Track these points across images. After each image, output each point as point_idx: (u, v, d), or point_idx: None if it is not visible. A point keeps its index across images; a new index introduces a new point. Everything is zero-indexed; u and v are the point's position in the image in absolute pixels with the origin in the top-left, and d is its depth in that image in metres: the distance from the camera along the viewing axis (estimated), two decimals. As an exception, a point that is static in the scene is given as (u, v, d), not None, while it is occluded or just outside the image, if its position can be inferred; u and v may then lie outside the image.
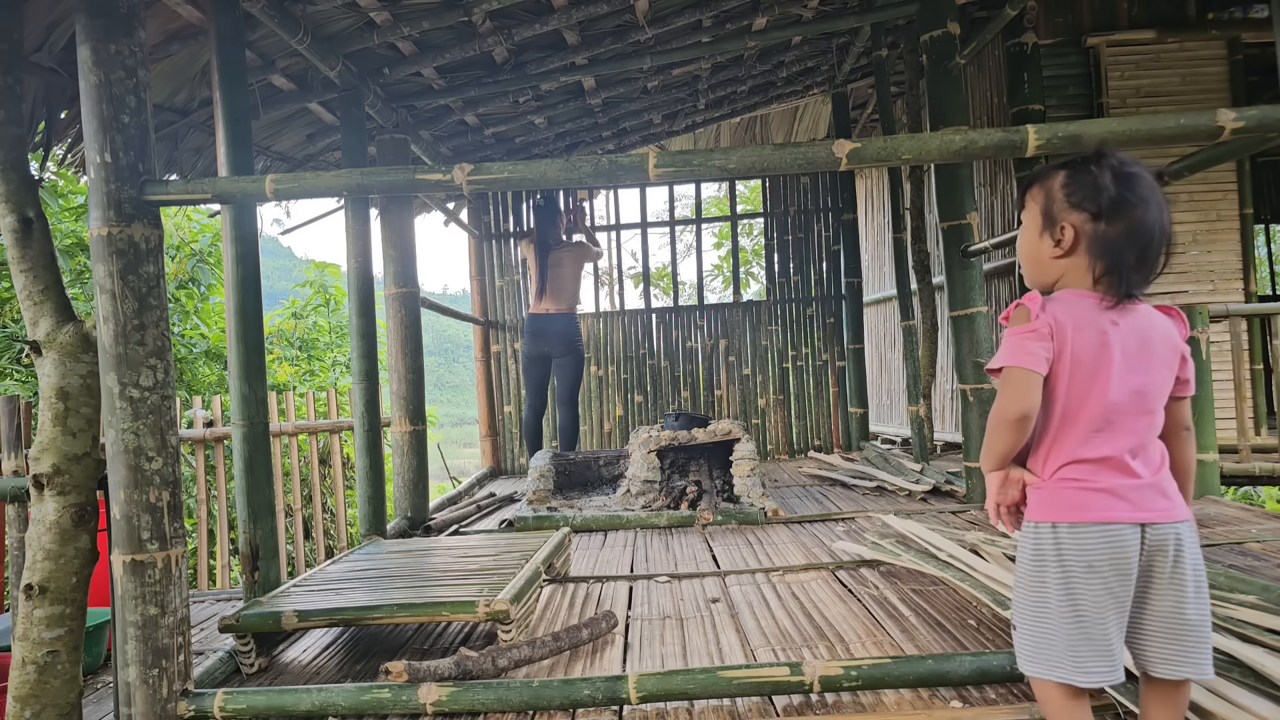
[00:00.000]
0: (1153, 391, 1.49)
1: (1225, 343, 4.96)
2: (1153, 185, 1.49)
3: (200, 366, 7.89)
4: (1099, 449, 1.47)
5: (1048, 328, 1.48)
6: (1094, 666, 1.44)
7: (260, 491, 2.88)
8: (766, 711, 1.99)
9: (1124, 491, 1.46)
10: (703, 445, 4.98)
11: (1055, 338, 1.48)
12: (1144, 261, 1.48)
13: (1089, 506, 1.47)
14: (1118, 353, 1.47)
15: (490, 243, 7.55)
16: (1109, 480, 1.47)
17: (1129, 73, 5.51)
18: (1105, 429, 1.48)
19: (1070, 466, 1.49)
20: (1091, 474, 1.48)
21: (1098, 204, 1.49)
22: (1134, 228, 1.47)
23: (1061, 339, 1.48)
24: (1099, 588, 1.45)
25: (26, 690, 1.95)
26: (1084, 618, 1.45)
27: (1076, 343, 1.48)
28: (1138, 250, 1.47)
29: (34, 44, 2.70)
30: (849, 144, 2.00)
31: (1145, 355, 1.49)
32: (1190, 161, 2.78)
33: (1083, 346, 1.48)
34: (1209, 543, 3.16)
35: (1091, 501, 1.47)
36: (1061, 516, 1.48)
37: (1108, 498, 1.46)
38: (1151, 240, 1.48)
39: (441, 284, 78.45)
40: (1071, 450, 1.49)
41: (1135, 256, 1.47)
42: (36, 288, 2.08)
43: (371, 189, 2.11)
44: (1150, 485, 1.47)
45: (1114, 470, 1.47)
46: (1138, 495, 1.46)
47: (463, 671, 2.18)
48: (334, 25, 3.70)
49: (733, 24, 4.96)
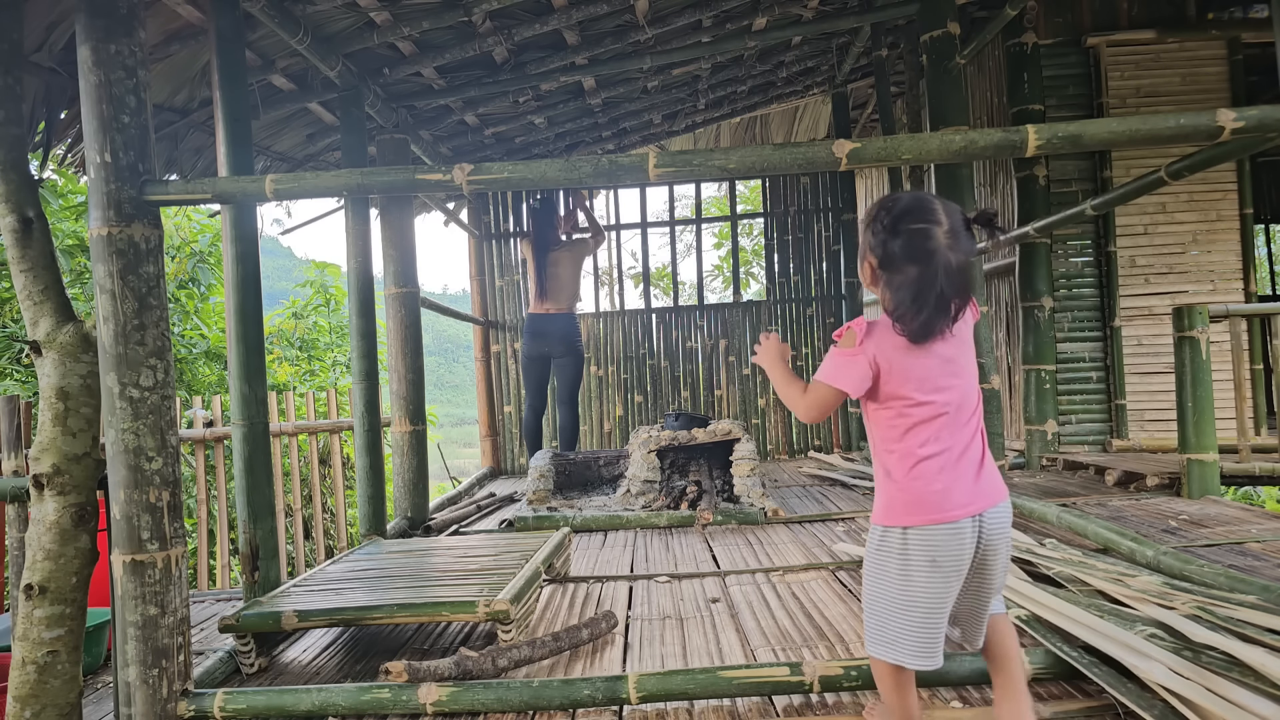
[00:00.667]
0: (968, 393, 1.66)
1: (1225, 343, 4.96)
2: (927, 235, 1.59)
3: (200, 366, 7.89)
4: (932, 448, 1.62)
5: (868, 357, 1.64)
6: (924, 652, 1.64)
7: (260, 491, 2.88)
8: (766, 711, 1.99)
9: (959, 488, 1.62)
10: (703, 445, 4.98)
11: (874, 364, 1.64)
12: (922, 305, 1.58)
13: (931, 508, 1.61)
14: (934, 368, 1.63)
15: (490, 243, 7.55)
16: (946, 480, 1.61)
17: (1129, 73, 5.51)
18: (938, 433, 1.63)
19: (917, 468, 1.62)
20: (933, 474, 1.62)
21: (877, 254, 1.65)
22: (907, 279, 1.60)
23: (881, 361, 1.64)
24: (938, 581, 1.61)
25: (26, 690, 1.95)
26: (920, 609, 1.63)
27: (894, 362, 1.63)
28: (913, 297, 1.59)
29: (34, 44, 2.70)
30: (849, 144, 2.00)
31: (953, 364, 1.65)
32: (1190, 161, 2.78)
33: (901, 365, 1.63)
34: (1209, 543, 3.16)
35: (933, 503, 1.61)
36: (910, 522, 1.63)
37: (945, 497, 1.61)
38: (929, 288, 1.58)
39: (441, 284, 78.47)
40: (914, 451, 1.63)
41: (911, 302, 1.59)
42: (36, 288, 2.08)
43: (371, 189, 2.11)
44: (980, 477, 1.64)
45: (949, 470, 1.62)
46: (970, 490, 1.62)
47: (463, 671, 2.18)
48: (334, 25, 3.70)
49: (733, 24, 4.96)
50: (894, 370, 1.63)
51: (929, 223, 1.61)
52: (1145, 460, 4.85)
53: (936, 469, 1.62)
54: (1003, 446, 4.29)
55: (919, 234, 1.60)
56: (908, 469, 1.63)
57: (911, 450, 1.63)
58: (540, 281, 5.94)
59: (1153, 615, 2.14)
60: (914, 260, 1.60)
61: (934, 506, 1.61)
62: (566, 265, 5.98)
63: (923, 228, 1.60)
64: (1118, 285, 5.49)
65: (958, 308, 1.62)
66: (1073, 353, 5.54)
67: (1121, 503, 4.06)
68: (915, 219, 1.61)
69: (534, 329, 5.96)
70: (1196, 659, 1.86)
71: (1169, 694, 1.74)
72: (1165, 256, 5.55)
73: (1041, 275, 5.34)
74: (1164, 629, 2.04)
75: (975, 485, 1.63)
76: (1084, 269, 5.55)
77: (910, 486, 1.63)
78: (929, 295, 1.58)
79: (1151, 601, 2.25)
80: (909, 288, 1.60)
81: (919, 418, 1.63)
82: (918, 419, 1.63)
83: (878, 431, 1.70)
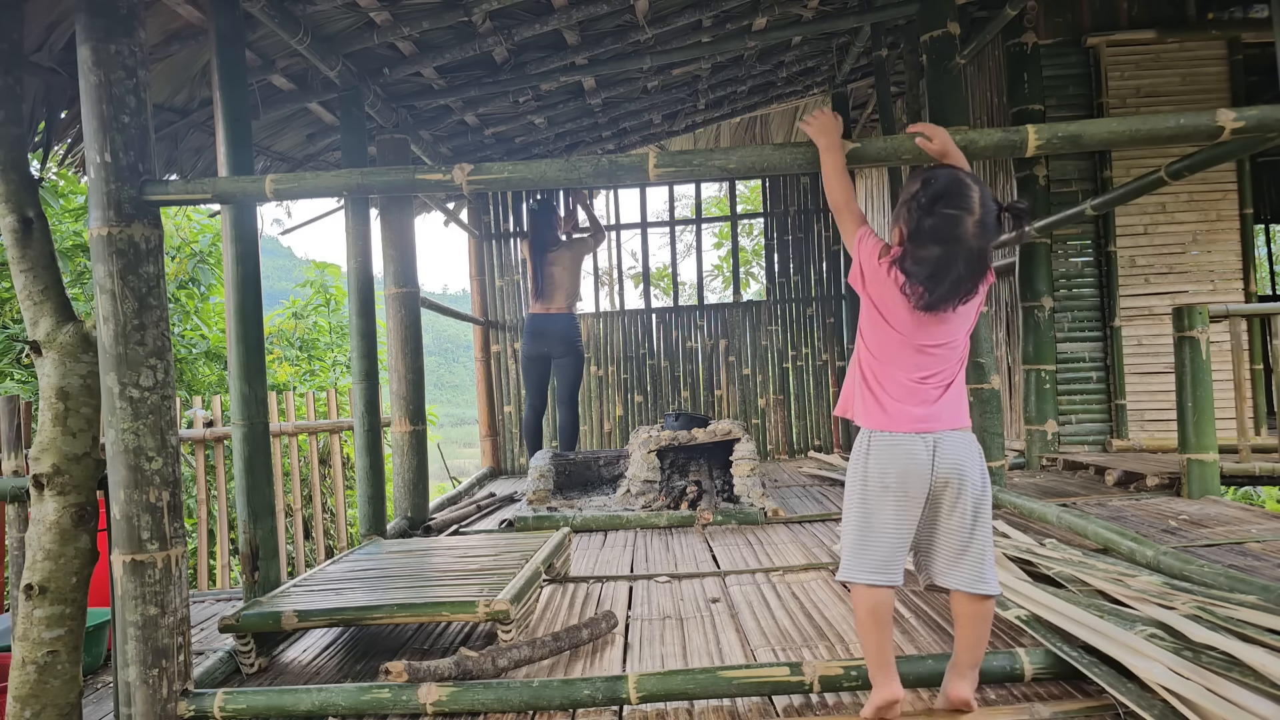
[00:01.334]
0: (953, 345, 1.81)
1: (1225, 343, 4.96)
2: (958, 221, 1.69)
3: (200, 366, 7.88)
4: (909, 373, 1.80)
5: (885, 260, 1.79)
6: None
7: (260, 491, 2.88)
8: (766, 711, 1.99)
9: (919, 411, 1.79)
10: (703, 445, 4.98)
11: (882, 267, 1.78)
12: (937, 284, 1.71)
13: (891, 419, 1.80)
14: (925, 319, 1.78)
15: (490, 243, 7.55)
16: (909, 402, 1.79)
17: (1129, 73, 5.51)
18: (916, 361, 1.80)
19: (889, 384, 1.81)
20: (902, 394, 1.80)
21: (909, 227, 1.74)
22: (930, 256, 1.71)
23: (882, 283, 1.79)
24: (892, 494, 1.80)
25: (26, 690, 1.95)
26: (874, 518, 1.82)
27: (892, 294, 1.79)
28: (931, 274, 1.71)
29: (34, 44, 2.70)
30: (849, 144, 2.00)
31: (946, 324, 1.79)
32: (1190, 161, 2.78)
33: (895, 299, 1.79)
34: (1209, 543, 3.16)
35: (894, 414, 1.80)
36: (874, 426, 1.83)
37: (903, 413, 1.79)
38: (948, 271, 1.70)
39: (441, 284, 78.42)
40: (890, 372, 1.82)
41: (928, 278, 1.71)
42: (36, 288, 2.08)
43: (371, 189, 2.11)
44: (941, 409, 1.79)
45: (915, 395, 1.79)
46: (928, 415, 1.78)
47: (463, 671, 2.18)
48: (334, 25, 3.70)
49: (733, 24, 4.96)
50: (890, 295, 1.78)
51: (962, 209, 1.69)
52: (1145, 460, 4.85)
53: (905, 391, 1.79)
54: (1003, 446, 4.29)
55: (950, 219, 1.69)
56: (877, 379, 1.82)
57: (888, 371, 1.81)
58: (538, 281, 5.94)
59: (1153, 615, 2.14)
60: (940, 242, 1.69)
61: (894, 418, 1.80)
62: (565, 265, 5.98)
63: (955, 214, 1.69)
64: (1118, 285, 5.49)
65: (967, 291, 1.72)
66: (1073, 353, 5.54)
67: (1121, 503, 4.06)
68: (950, 203, 1.69)
69: (534, 329, 5.96)
70: (1196, 659, 1.86)
71: (1169, 694, 1.74)
72: (1165, 256, 5.55)
73: (1041, 275, 5.34)
74: (1164, 629, 2.04)
75: (934, 412, 1.79)
76: (1084, 269, 5.55)
77: (881, 398, 1.81)
78: (945, 277, 1.69)
79: (1151, 601, 2.25)
80: (930, 264, 1.70)
81: (901, 353, 1.80)
82: (900, 353, 1.80)
83: (868, 351, 1.86)
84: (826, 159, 1.91)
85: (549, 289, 5.93)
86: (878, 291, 1.81)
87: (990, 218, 1.70)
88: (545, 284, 5.94)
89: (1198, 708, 1.68)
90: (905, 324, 1.78)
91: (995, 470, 4.21)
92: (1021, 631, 2.30)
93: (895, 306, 1.78)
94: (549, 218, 6.15)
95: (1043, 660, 2.03)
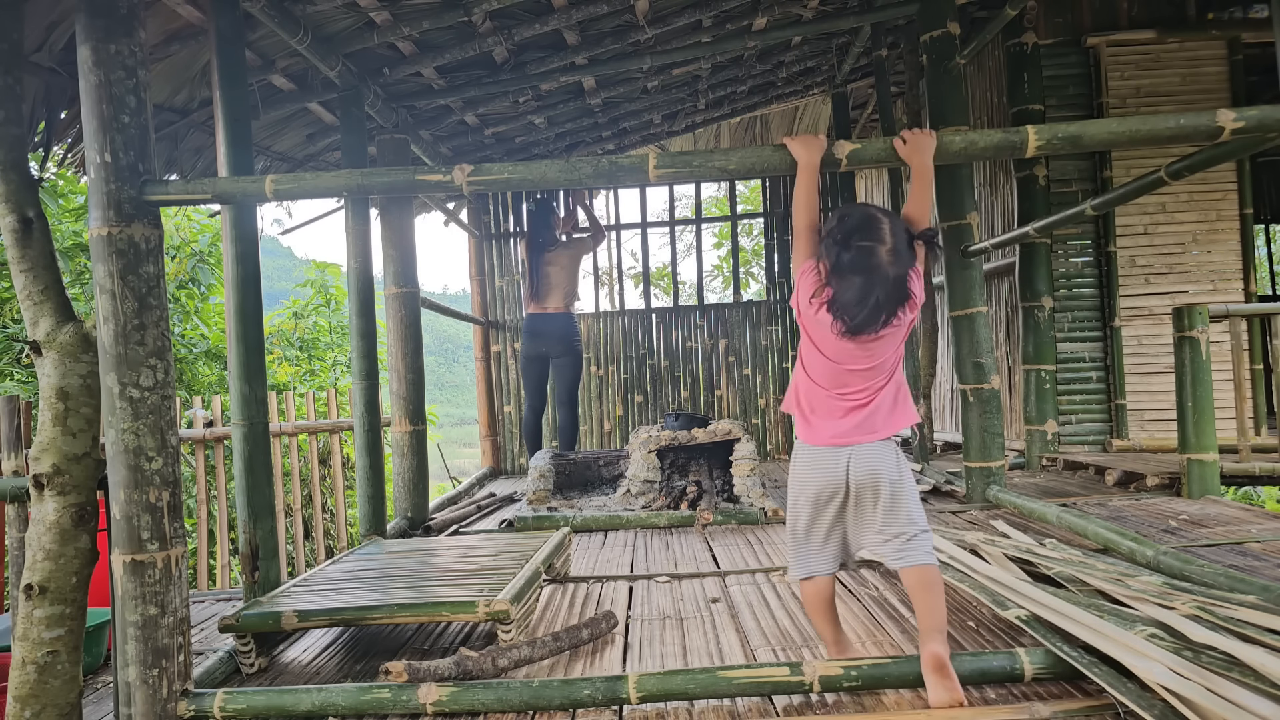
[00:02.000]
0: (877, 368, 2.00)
1: (1225, 343, 4.96)
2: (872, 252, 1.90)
3: (200, 366, 7.88)
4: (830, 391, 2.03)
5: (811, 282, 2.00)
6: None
7: (260, 491, 2.88)
8: (766, 711, 1.99)
9: (836, 426, 2.01)
10: (703, 445, 4.98)
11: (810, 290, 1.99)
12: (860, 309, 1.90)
13: (811, 434, 2.05)
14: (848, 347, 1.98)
15: (490, 243, 7.55)
16: (828, 418, 2.03)
17: (1129, 73, 5.51)
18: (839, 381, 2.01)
19: (813, 400, 2.05)
20: (823, 410, 2.03)
21: (830, 262, 1.94)
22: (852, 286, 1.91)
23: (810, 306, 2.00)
24: (809, 502, 2.05)
25: (26, 690, 1.95)
26: (798, 521, 2.10)
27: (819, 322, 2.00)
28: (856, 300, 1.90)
29: (34, 44, 2.70)
30: (849, 144, 2.00)
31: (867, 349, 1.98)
32: (1190, 161, 2.78)
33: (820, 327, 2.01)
34: (1209, 543, 3.16)
35: (814, 428, 2.04)
36: (802, 438, 2.08)
37: (823, 427, 2.03)
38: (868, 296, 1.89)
39: (441, 284, 78.37)
40: (815, 387, 2.05)
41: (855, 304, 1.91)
42: (36, 288, 2.08)
43: (371, 189, 2.11)
44: (858, 425, 2.00)
45: (835, 412, 2.02)
46: (845, 431, 2.00)
47: (463, 671, 2.18)
48: (334, 25, 3.70)
49: (733, 24, 4.96)
50: (820, 327, 1.99)
51: (875, 241, 1.90)
52: (1145, 460, 4.85)
53: (828, 409, 2.02)
54: (1003, 446, 4.29)
55: (865, 250, 1.90)
56: (807, 398, 2.06)
57: (817, 391, 2.04)
58: (534, 282, 5.93)
59: (1153, 615, 2.14)
60: (858, 272, 1.90)
61: (815, 432, 2.04)
62: (563, 265, 5.97)
63: (869, 245, 1.90)
64: (1118, 285, 5.49)
65: (888, 316, 1.92)
66: (1073, 353, 5.54)
67: (1121, 503, 4.06)
68: (863, 237, 1.90)
69: (532, 329, 5.96)
70: (1196, 659, 1.86)
71: (1169, 694, 1.74)
72: (1165, 256, 5.55)
73: (1041, 275, 5.34)
74: (1164, 629, 2.04)
75: (854, 426, 2.00)
76: (1084, 269, 5.55)
77: (808, 414, 2.05)
78: (867, 302, 1.89)
79: (1151, 601, 2.25)
80: (853, 292, 1.90)
81: (829, 373, 2.01)
82: (828, 373, 2.01)
83: (802, 367, 2.08)
84: (800, 179, 2.01)
85: (546, 289, 5.93)
86: (810, 325, 2.02)
87: (902, 245, 1.91)
88: (542, 284, 5.93)
89: (1198, 708, 1.68)
90: (834, 351, 1.99)
91: (995, 470, 4.22)
92: (1021, 631, 2.30)
93: (825, 337, 1.99)
94: (547, 217, 6.14)
95: (1043, 660, 2.03)
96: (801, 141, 2.00)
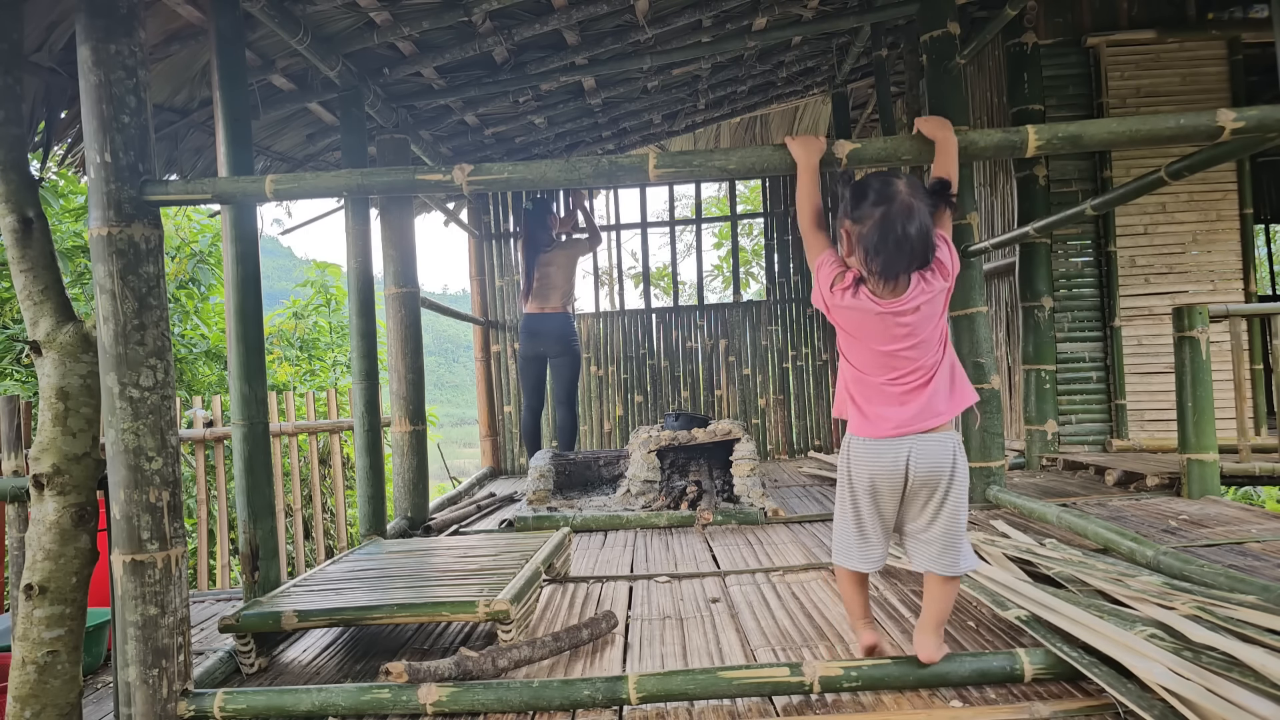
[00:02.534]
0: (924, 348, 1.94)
1: (1225, 343, 4.96)
2: (889, 183, 1.92)
3: (200, 366, 7.88)
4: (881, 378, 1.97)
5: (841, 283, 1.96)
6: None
7: (260, 491, 2.88)
8: (766, 711, 1.99)
9: (896, 415, 1.94)
10: (703, 445, 4.98)
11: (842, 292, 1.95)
12: (884, 243, 1.88)
13: (870, 425, 1.98)
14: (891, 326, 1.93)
15: (490, 243, 7.55)
16: (886, 407, 1.96)
17: (1129, 73, 5.51)
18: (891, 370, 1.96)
19: (868, 392, 1.99)
20: (879, 401, 1.97)
21: (849, 211, 1.95)
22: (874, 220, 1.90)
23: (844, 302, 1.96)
24: (868, 494, 2.01)
25: (26, 690, 1.95)
26: (854, 514, 2.06)
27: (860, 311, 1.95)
28: (880, 236, 1.88)
29: (34, 44, 2.70)
30: (849, 144, 2.00)
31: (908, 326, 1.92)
32: (1190, 161, 2.78)
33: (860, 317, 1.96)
34: (1209, 543, 3.16)
35: (872, 421, 1.97)
36: (856, 433, 2.02)
37: (882, 419, 1.96)
38: (892, 229, 1.87)
39: (441, 284, 78.39)
40: (867, 380, 2.00)
41: (879, 240, 1.88)
42: (36, 288, 2.08)
43: (371, 189, 2.11)
44: (918, 412, 1.93)
45: (894, 400, 1.95)
46: (905, 418, 1.93)
47: (463, 672, 2.18)
48: (334, 25, 3.70)
49: (733, 24, 4.96)
50: (851, 314, 1.94)
51: (891, 176, 1.93)
52: (1145, 460, 4.85)
53: (882, 396, 1.96)
54: (1003, 446, 4.29)
55: (883, 181, 1.92)
56: (859, 391, 2.00)
57: (865, 379, 1.98)
58: (529, 282, 5.94)
59: (1153, 615, 2.14)
60: (879, 203, 1.88)
61: (873, 423, 1.97)
62: (560, 265, 5.97)
63: (886, 178, 1.93)
64: (1118, 285, 5.49)
65: (914, 258, 1.88)
66: (1073, 353, 5.54)
67: (1121, 503, 4.06)
68: (879, 175, 1.94)
69: (529, 328, 5.96)
70: (1196, 659, 1.86)
71: (1169, 694, 1.74)
72: (1165, 256, 5.55)
73: (1041, 275, 5.34)
74: (1164, 629, 2.04)
75: (911, 415, 1.93)
76: (1084, 269, 5.55)
77: (861, 405, 1.99)
78: (891, 235, 1.86)
79: (1151, 602, 2.25)
80: (876, 228, 1.87)
81: (873, 359, 1.96)
82: (873, 360, 1.96)
83: (846, 361, 2.04)
84: (801, 179, 2.01)
85: (544, 289, 5.93)
86: (841, 316, 1.98)
87: (918, 189, 1.90)
88: (537, 284, 5.93)
89: (1198, 708, 1.68)
90: (873, 334, 1.94)
91: (995, 470, 4.22)
92: (1021, 631, 2.30)
93: (859, 319, 1.94)
94: (544, 217, 6.14)
95: (1043, 660, 2.03)
96: (801, 142, 2.00)
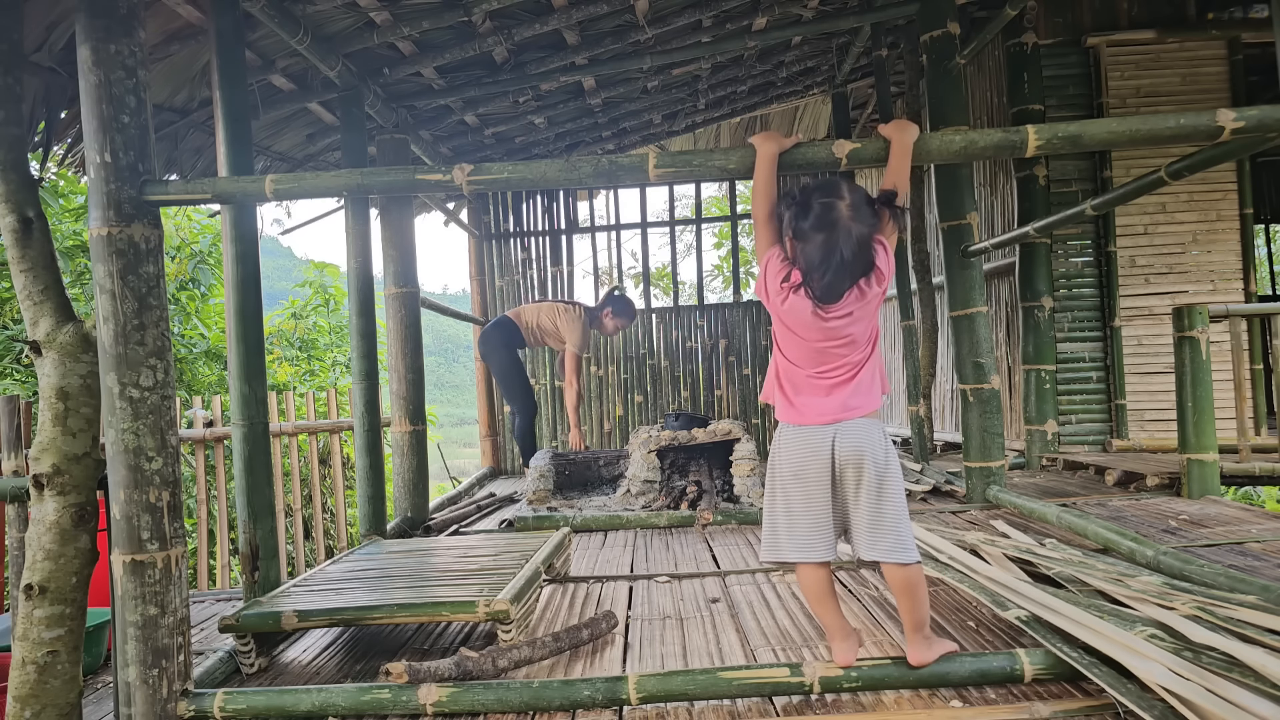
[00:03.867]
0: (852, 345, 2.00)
1: (1225, 343, 4.96)
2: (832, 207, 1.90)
3: (200, 366, 7.89)
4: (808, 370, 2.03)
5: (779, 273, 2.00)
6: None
7: (260, 491, 2.88)
8: (766, 712, 1.99)
9: (820, 405, 2.01)
10: (703, 445, 4.98)
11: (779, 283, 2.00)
12: (827, 267, 1.89)
13: (795, 414, 2.05)
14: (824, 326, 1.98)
15: (490, 243, 7.55)
16: (812, 397, 2.03)
17: (1129, 73, 5.51)
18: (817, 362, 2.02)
19: (794, 382, 2.06)
20: (806, 390, 2.04)
21: (791, 227, 1.95)
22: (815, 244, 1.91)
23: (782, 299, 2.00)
24: (797, 481, 2.04)
25: (26, 690, 1.95)
26: (785, 503, 2.10)
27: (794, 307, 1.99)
28: (821, 259, 1.90)
29: (34, 44, 2.70)
30: (849, 144, 2.00)
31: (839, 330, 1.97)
32: (1190, 161, 2.78)
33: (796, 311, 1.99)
34: (1209, 543, 3.16)
35: (798, 410, 2.04)
36: (785, 419, 2.09)
37: (807, 407, 2.03)
38: (833, 252, 1.89)
39: (441, 284, 78.32)
40: (794, 369, 2.06)
41: (820, 263, 1.90)
42: (36, 288, 2.08)
43: (371, 189, 2.11)
44: (842, 403, 1.99)
45: (819, 391, 2.02)
46: (828, 408, 2.00)
47: (463, 672, 2.18)
48: (334, 25, 3.70)
49: (733, 24, 4.96)
50: (790, 311, 1.98)
51: (834, 197, 1.90)
52: (1145, 460, 4.85)
53: (810, 387, 2.02)
54: (1003, 446, 4.29)
55: (826, 206, 1.90)
56: (789, 380, 2.06)
57: (795, 371, 2.04)
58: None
59: (1153, 615, 2.14)
60: (820, 229, 1.89)
61: (801, 412, 2.03)
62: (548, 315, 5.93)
63: (828, 201, 1.90)
64: (1118, 285, 5.49)
65: (853, 277, 1.91)
66: (1073, 353, 5.54)
67: (1121, 503, 4.06)
68: (823, 194, 1.91)
69: (507, 325, 5.96)
70: (1196, 659, 1.86)
71: (1169, 694, 1.74)
72: (1165, 256, 5.55)
73: (1041, 275, 5.34)
74: (1164, 629, 2.04)
75: (836, 403, 2.00)
76: (1084, 269, 5.55)
77: (790, 395, 2.06)
78: (831, 260, 1.88)
79: (1151, 602, 2.25)
80: (817, 252, 1.89)
81: (806, 353, 2.01)
82: (805, 353, 2.01)
83: (779, 351, 2.08)
84: (759, 168, 2.02)
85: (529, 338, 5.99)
86: (780, 310, 2.01)
87: (861, 203, 1.91)
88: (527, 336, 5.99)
89: (1198, 708, 1.68)
90: (808, 330, 1.98)
91: (995, 470, 4.22)
92: (1021, 632, 2.29)
93: (797, 318, 1.98)
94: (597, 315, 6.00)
95: (1043, 660, 2.03)
96: (763, 135, 2.05)
